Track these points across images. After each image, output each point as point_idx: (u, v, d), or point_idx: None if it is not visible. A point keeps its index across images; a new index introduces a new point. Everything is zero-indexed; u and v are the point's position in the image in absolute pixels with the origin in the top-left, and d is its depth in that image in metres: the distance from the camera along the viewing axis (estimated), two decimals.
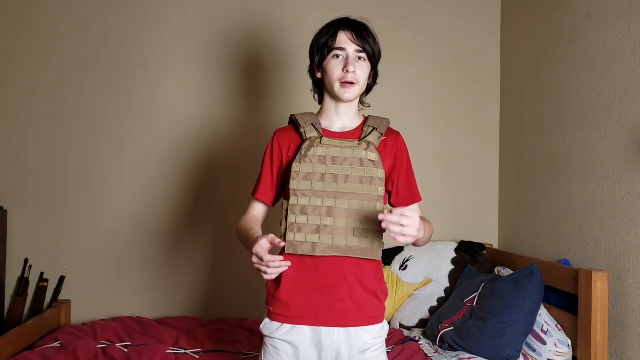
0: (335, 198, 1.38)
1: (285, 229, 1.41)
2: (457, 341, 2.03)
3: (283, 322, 1.41)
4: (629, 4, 1.92)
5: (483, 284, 2.19)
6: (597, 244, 2.05)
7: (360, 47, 1.47)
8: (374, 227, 1.39)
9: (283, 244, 1.34)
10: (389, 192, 1.52)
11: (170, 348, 2.05)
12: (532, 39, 2.55)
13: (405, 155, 1.54)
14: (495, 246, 2.81)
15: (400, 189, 1.52)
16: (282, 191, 1.53)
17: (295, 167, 1.41)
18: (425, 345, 2.11)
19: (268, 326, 1.43)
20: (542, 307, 2.01)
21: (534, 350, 1.95)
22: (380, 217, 1.23)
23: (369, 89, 1.57)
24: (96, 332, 2.20)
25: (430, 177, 2.79)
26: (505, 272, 2.29)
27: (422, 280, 2.49)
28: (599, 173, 2.06)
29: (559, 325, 1.95)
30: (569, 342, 1.89)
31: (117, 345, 2.06)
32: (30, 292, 2.49)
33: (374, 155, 1.42)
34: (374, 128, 1.48)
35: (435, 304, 2.39)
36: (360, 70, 1.46)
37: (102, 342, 2.09)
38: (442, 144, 2.81)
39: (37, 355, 1.94)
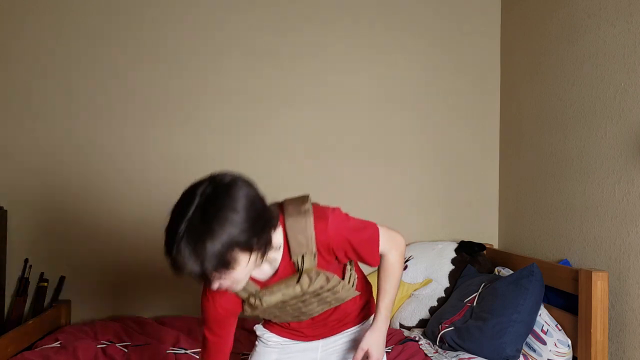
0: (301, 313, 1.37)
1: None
2: (457, 341, 2.03)
3: (273, 333, 1.50)
4: (629, 4, 1.92)
5: (483, 284, 2.19)
6: (597, 244, 2.05)
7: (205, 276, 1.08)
8: (346, 291, 1.37)
9: None
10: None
11: (170, 348, 2.05)
12: (532, 39, 2.55)
13: (343, 241, 1.27)
14: (495, 246, 2.81)
15: (358, 259, 1.36)
16: None
17: (247, 312, 1.31)
18: (425, 345, 2.10)
19: (260, 329, 1.51)
20: (542, 307, 2.01)
21: (534, 350, 1.95)
22: None
23: (265, 251, 1.15)
24: (96, 332, 2.20)
25: (431, 177, 2.79)
26: (505, 272, 2.29)
27: (422, 280, 2.49)
28: (599, 173, 2.06)
29: (559, 325, 1.95)
30: (569, 342, 1.89)
31: (117, 345, 2.06)
32: (30, 292, 2.49)
33: (321, 279, 1.26)
34: (303, 254, 1.24)
35: (435, 304, 2.39)
36: (228, 281, 1.11)
37: (102, 342, 2.09)
38: (443, 144, 2.81)
39: (37, 355, 1.93)
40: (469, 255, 2.52)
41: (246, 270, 1.11)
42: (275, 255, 1.24)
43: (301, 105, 2.70)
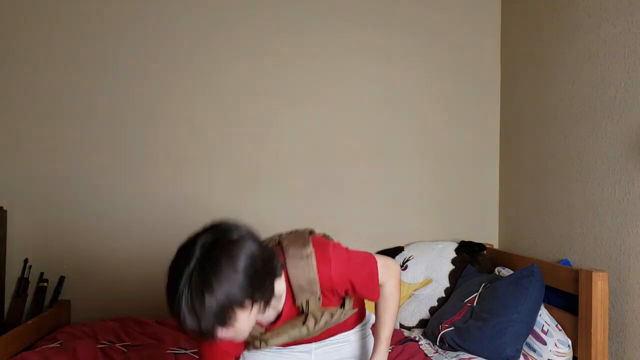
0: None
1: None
2: (457, 341, 2.03)
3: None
4: (629, 3, 1.92)
5: (483, 284, 2.19)
6: (598, 244, 2.05)
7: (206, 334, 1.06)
8: (345, 314, 1.37)
9: None
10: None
11: (170, 348, 2.05)
12: (532, 39, 2.55)
13: (345, 282, 1.27)
14: (495, 246, 2.81)
15: (358, 295, 1.36)
16: None
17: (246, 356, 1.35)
18: (425, 345, 2.10)
19: None
20: (542, 307, 2.01)
21: (534, 351, 1.95)
22: None
23: (267, 303, 1.14)
24: (96, 332, 2.20)
25: (431, 177, 2.79)
26: (505, 272, 2.29)
27: (422, 280, 2.49)
28: (599, 173, 2.06)
29: (559, 326, 1.95)
30: (569, 342, 1.89)
31: (117, 345, 2.06)
32: (30, 292, 2.49)
33: (326, 316, 1.28)
34: (307, 299, 1.23)
35: (436, 304, 2.39)
36: (231, 333, 1.08)
37: (102, 342, 2.09)
38: (443, 144, 2.80)
39: (37, 355, 1.93)
40: (469, 255, 2.52)
41: (249, 323, 1.09)
42: (279, 300, 1.22)
43: (300, 105, 2.70)
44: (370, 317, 1.53)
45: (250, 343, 1.29)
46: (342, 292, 1.28)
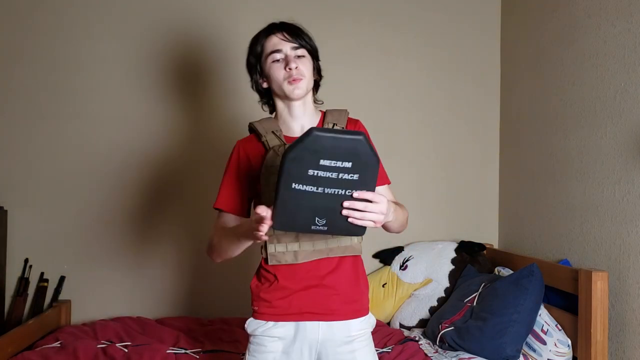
0: None
1: (265, 242, 1.40)
2: (457, 341, 2.03)
3: (267, 320, 1.42)
4: (629, 4, 1.92)
5: (483, 284, 2.19)
6: (597, 244, 2.05)
7: (296, 44, 1.47)
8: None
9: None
10: None
11: (170, 348, 2.05)
12: (532, 39, 2.55)
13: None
14: (495, 246, 2.81)
15: None
16: (255, 199, 1.49)
17: (263, 179, 1.40)
18: (425, 345, 2.11)
19: (252, 324, 1.44)
20: (542, 307, 2.01)
21: (534, 350, 1.95)
22: (346, 204, 1.15)
23: (317, 85, 1.56)
24: (96, 332, 2.20)
25: (431, 177, 2.79)
26: (505, 272, 2.29)
27: (422, 280, 2.49)
28: (599, 173, 2.06)
29: (559, 325, 1.95)
30: (569, 342, 1.89)
31: (117, 345, 2.06)
32: (30, 292, 2.49)
33: None
34: (334, 124, 1.48)
35: (435, 304, 2.39)
36: (303, 66, 1.45)
37: (102, 342, 2.09)
38: (443, 144, 2.81)
39: (37, 355, 1.94)
40: (469, 255, 2.52)
41: (310, 70, 1.47)
42: (313, 117, 1.51)
43: None
44: (373, 321, 1.51)
45: (272, 149, 1.42)
46: None
